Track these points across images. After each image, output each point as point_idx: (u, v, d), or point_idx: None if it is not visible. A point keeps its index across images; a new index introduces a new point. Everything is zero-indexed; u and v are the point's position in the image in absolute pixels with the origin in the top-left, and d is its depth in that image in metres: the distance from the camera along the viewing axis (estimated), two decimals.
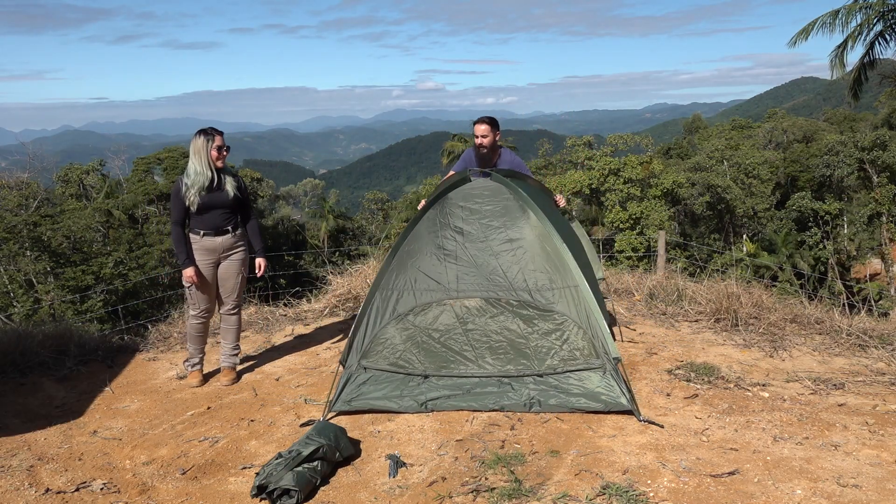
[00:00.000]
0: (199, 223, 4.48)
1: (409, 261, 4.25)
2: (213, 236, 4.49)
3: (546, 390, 3.92)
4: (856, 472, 3.18)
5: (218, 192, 4.47)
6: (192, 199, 4.38)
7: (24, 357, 5.00)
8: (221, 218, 4.51)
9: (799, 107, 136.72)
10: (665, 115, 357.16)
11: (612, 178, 32.39)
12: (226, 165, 4.54)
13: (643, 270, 8.13)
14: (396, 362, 4.07)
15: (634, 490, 3.06)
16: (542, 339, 3.98)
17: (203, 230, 4.48)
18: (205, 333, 4.76)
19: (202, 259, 4.51)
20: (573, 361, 3.92)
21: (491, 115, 5.26)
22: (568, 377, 3.91)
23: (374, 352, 4.11)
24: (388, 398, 3.99)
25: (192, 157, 4.43)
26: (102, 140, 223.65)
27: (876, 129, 37.65)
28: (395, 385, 4.04)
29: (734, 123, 50.24)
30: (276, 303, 6.94)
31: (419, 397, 3.97)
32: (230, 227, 4.55)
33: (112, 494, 3.27)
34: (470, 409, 3.94)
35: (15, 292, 18.21)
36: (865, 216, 33.45)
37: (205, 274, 4.54)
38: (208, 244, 4.50)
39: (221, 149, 4.44)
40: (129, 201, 26.34)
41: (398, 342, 4.12)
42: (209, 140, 4.40)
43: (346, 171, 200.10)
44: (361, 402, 3.99)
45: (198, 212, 4.43)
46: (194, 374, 4.77)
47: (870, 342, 4.98)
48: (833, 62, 17.70)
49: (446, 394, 3.98)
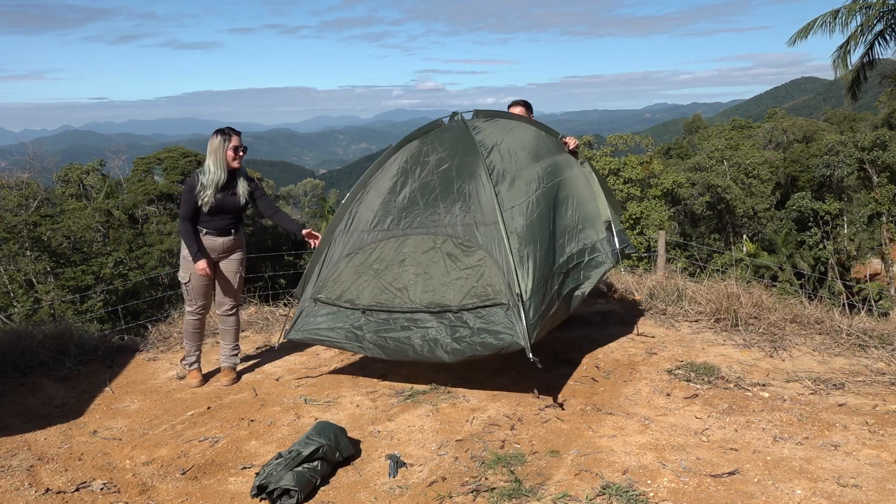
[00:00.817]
0: (205, 223, 4.49)
1: (366, 199, 4.57)
2: (214, 236, 4.51)
3: (457, 326, 3.99)
4: (856, 472, 3.18)
5: (231, 196, 4.48)
6: (205, 200, 4.38)
7: (24, 357, 5.00)
8: (228, 221, 4.54)
9: (799, 107, 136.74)
10: (665, 115, 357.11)
11: (612, 178, 32.39)
12: (242, 167, 4.54)
13: (643, 270, 8.13)
14: (342, 295, 4.37)
15: (634, 490, 3.06)
16: (462, 274, 4.08)
17: (206, 229, 4.49)
18: (201, 330, 4.76)
19: None
20: (485, 298, 3.98)
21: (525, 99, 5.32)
22: (479, 313, 3.97)
23: (326, 287, 4.45)
24: (332, 329, 4.35)
25: (208, 157, 4.41)
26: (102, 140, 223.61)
27: (876, 129, 37.66)
28: (338, 317, 4.36)
29: (734, 123, 50.24)
30: (276, 303, 6.94)
31: (357, 331, 4.26)
32: (233, 230, 4.58)
33: (112, 494, 3.27)
34: (396, 342, 4.12)
35: (15, 292, 18.21)
36: (865, 216, 33.45)
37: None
38: (209, 243, 4.51)
39: (238, 149, 4.43)
40: (129, 201, 26.34)
41: (346, 278, 4.39)
42: (226, 140, 4.39)
43: (346, 171, 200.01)
44: (311, 333, 4.41)
45: (207, 212, 4.44)
46: (193, 373, 4.77)
47: (870, 342, 4.98)
48: (836, 62, 17.70)
49: (377, 328, 4.21)
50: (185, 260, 4.52)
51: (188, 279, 4.54)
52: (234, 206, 4.50)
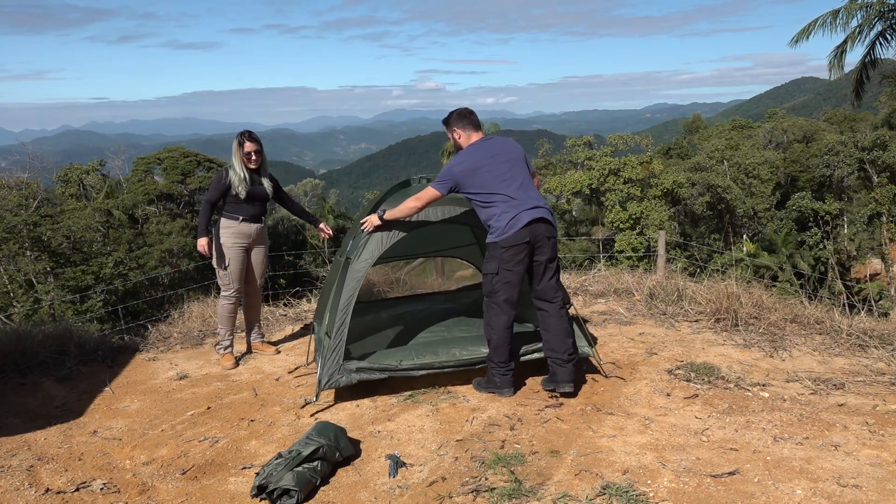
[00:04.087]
0: (240, 210, 4.92)
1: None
2: (249, 223, 4.96)
3: None
4: (856, 473, 3.18)
5: (259, 187, 4.98)
6: (237, 189, 4.84)
7: (24, 357, 5.00)
8: (259, 208, 5.03)
9: (799, 107, 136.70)
10: (665, 115, 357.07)
11: (612, 178, 32.39)
12: (261, 166, 4.98)
13: (643, 270, 8.13)
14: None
15: (634, 490, 3.06)
16: None
17: (242, 216, 4.92)
18: (235, 314, 5.11)
19: (237, 242, 4.93)
20: None
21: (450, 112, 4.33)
22: None
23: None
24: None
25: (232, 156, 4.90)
26: (102, 140, 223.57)
27: (876, 129, 37.65)
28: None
29: (734, 123, 50.20)
30: (276, 303, 6.94)
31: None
32: (262, 217, 5.09)
33: (112, 494, 3.27)
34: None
35: (15, 292, 18.19)
36: (865, 216, 33.44)
37: (237, 257, 4.95)
38: (245, 229, 4.95)
39: (250, 154, 4.86)
40: (129, 201, 26.32)
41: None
42: (240, 146, 4.87)
43: (346, 171, 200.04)
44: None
45: (242, 200, 4.89)
46: (227, 356, 5.11)
47: (870, 342, 4.98)
48: (831, 63, 17.70)
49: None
50: (225, 247, 4.91)
51: (227, 263, 4.92)
52: (262, 194, 4.99)
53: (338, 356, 4.17)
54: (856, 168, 34.16)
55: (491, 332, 4.13)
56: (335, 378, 4.15)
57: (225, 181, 4.88)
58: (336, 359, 4.16)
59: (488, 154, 4.13)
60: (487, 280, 4.12)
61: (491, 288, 4.10)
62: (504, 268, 4.03)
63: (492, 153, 4.14)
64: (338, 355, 4.17)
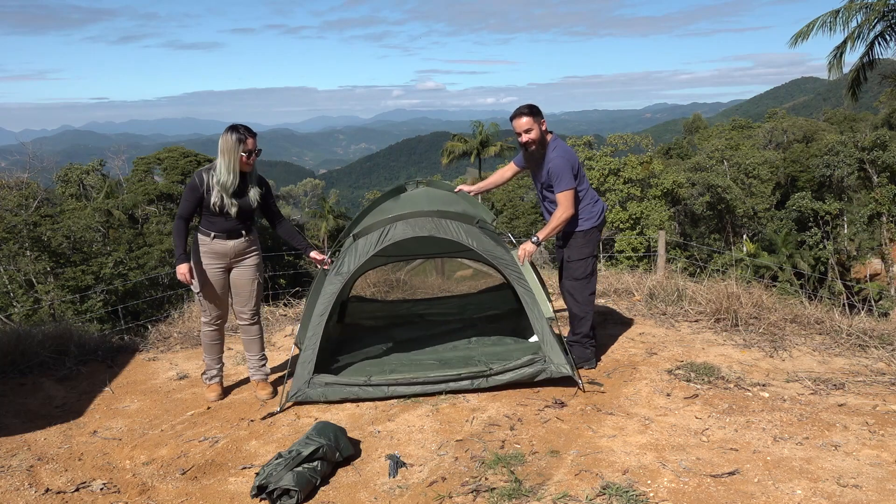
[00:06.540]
0: (211, 225, 4.07)
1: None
2: (224, 240, 4.10)
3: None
4: (856, 473, 3.18)
5: (242, 198, 4.09)
6: (213, 200, 3.98)
7: (24, 357, 5.00)
8: (237, 222, 4.11)
9: (799, 107, 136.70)
10: (665, 115, 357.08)
11: (612, 178, 32.38)
12: (254, 169, 4.15)
13: (643, 270, 8.13)
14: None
15: (634, 490, 3.06)
16: None
17: (214, 232, 4.08)
18: (220, 342, 4.40)
19: (211, 263, 4.13)
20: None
21: (530, 104, 4.42)
22: None
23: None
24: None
25: (219, 156, 3.98)
26: (102, 140, 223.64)
27: (876, 129, 37.63)
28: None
29: (734, 123, 50.21)
30: (276, 303, 6.94)
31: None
32: (244, 231, 4.16)
33: (112, 494, 3.27)
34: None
35: (15, 292, 18.19)
36: (865, 216, 33.41)
37: (214, 279, 4.15)
38: (218, 248, 4.11)
39: (252, 153, 4.02)
40: (129, 201, 26.33)
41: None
42: (240, 142, 3.96)
43: (346, 171, 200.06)
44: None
45: (217, 212, 4.04)
46: (212, 387, 4.45)
47: (870, 342, 4.98)
48: (831, 63, 17.69)
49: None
50: (197, 268, 4.13)
51: (199, 289, 4.17)
52: (245, 207, 4.10)
53: (307, 370, 4.15)
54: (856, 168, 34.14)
55: (585, 308, 4.59)
56: (303, 391, 4.16)
57: (201, 190, 3.98)
58: (305, 373, 4.15)
59: None
60: (584, 264, 4.56)
61: (590, 269, 4.60)
62: (597, 249, 4.67)
63: None
64: (307, 369, 4.15)
